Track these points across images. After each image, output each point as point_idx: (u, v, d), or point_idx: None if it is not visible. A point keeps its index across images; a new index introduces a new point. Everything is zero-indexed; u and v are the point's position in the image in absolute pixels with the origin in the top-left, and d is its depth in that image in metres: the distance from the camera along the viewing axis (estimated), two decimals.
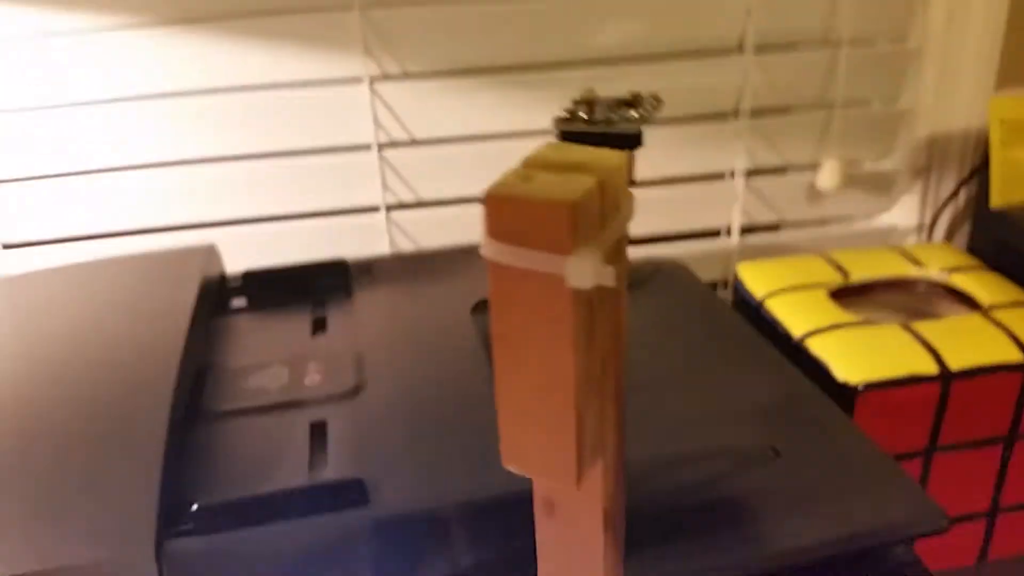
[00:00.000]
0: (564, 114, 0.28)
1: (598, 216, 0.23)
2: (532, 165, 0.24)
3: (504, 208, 0.23)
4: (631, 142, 0.26)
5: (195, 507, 0.44)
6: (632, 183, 0.27)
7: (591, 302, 0.24)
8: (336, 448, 0.50)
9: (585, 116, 0.27)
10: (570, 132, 0.27)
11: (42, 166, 0.78)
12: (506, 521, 0.42)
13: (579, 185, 0.22)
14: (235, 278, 0.71)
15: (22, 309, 0.63)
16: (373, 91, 0.79)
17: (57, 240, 0.82)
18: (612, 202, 0.24)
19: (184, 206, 0.81)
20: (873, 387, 0.61)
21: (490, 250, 0.23)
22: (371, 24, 0.77)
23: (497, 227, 0.23)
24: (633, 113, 0.28)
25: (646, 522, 0.43)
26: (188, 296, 0.62)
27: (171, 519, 0.44)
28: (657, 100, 0.29)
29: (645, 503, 0.44)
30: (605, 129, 0.27)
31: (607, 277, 0.22)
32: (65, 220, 0.80)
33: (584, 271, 0.22)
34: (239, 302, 0.70)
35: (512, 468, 0.27)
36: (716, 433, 0.50)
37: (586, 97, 0.28)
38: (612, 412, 0.27)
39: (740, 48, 0.85)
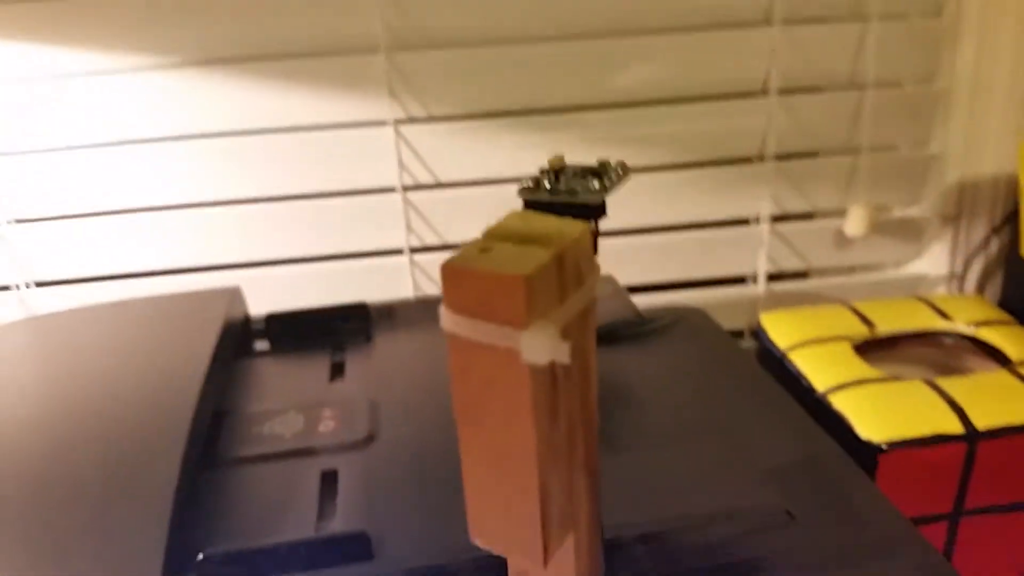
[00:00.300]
0: (528, 182, 0.28)
1: (556, 289, 0.23)
2: (493, 236, 0.24)
3: (461, 280, 0.23)
4: (593, 212, 0.26)
5: (201, 556, 0.44)
6: (596, 251, 0.26)
7: (553, 374, 0.24)
8: (345, 499, 0.50)
9: (548, 185, 0.27)
10: (533, 201, 0.27)
11: (70, 206, 0.80)
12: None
13: (535, 258, 0.22)
14: (258, 320, 0.71)
15: (43, 350, 0.64)
16: (398, 133, 0.80)
17: (85, 279, 0.83)
18: (573, 274, 0.24)
19: (210, 247, 0.82)
20: (897, 446, 0.59)
21: (448, 322, 0.23)
22: (396, 67, 0.78)
23: (454, 299, 0.23)
24: (596, 183, 0.28)
25: None
26: (209, 339, 0.62)
27: (177, 567, 0.43)
28: (624, 169, 0.29)
29: (650, 567, 0.43)
30: (568, 199, 0.27)
31: (562, 353, 0.22)
32: (94, 259, 0.81)
33: (539, 346, 0.22)
34: (262, 344, 0.70)
35: (479, 544, 0.27)
36: (729, 493, 0.49)
37: (553, 165, 0.28)
38: (584, 485, 0.27)
39: (764, 90, 0.84)
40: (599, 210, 0.27)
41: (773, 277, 0.92)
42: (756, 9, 0.82)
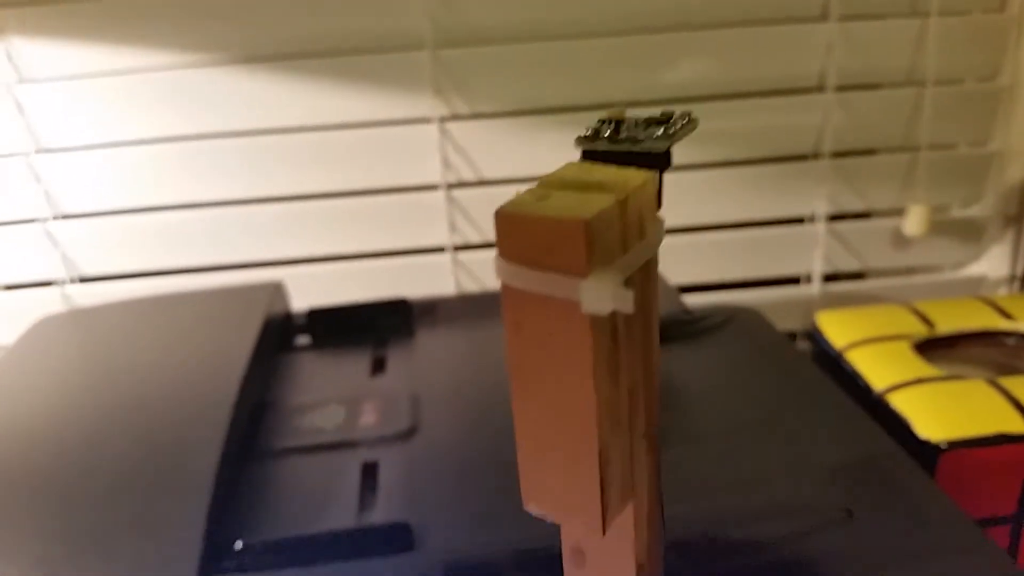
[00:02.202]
0: (587, 132, 0.26)
1: (618, 238, 0.21)
2: (550, 185, 0.23)
3: (516, 227, 0.21)
4: (658, 161, 0.25)
5: (239, 545, 0.43)
6: (660, 206, 0.25)
7: (614, 329, 0.22)
8: (386, 491, 0.49)
9: (609, 134, 0.26)
10: (592, 151, 0.25)
11: (115, 203, 0.80)
12: (552, 573, 0.40)
13: (596, 203, 0.21)
14: (301, 315, 0.71)
15: (88, 342, 0.64)
16: (442, 131, 0.79)
17: (130, 275, 0.83)
18: (636, 224, 0.22)
19: (255, 244, 0.82)
20: (957, 445, 0.57)
21: (503, 272, 0.22)
22: (441, 64, 0.77)
23: (510, 248, 0.21)
24: (661, 131, 0.26)
25: None
26: (250, 333, 0.62)
27: (215, 557, 0.43)
28: (690, 119, 0.27)
29: (708, 562, 0.42)
30: (630, 148, 0.25)
31: (625, 302, 0.20)
32: (139, 256, 0.82)
33: (600, 295, 0.20)
34: (303, 339, 0.69)
35: (532, 510, 0.25)
36: (786, 491, 0.47)
37: (613, 115, 0.26)
38: (644, 452, 0.25)
39: (821, 87, 0.82)
40: (664, 159, 0.25)
41: (829, 278, 0.90)
42: (812, 5, 0.80)
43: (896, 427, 0.60)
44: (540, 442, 0.23)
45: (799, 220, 0.88)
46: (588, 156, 0.26)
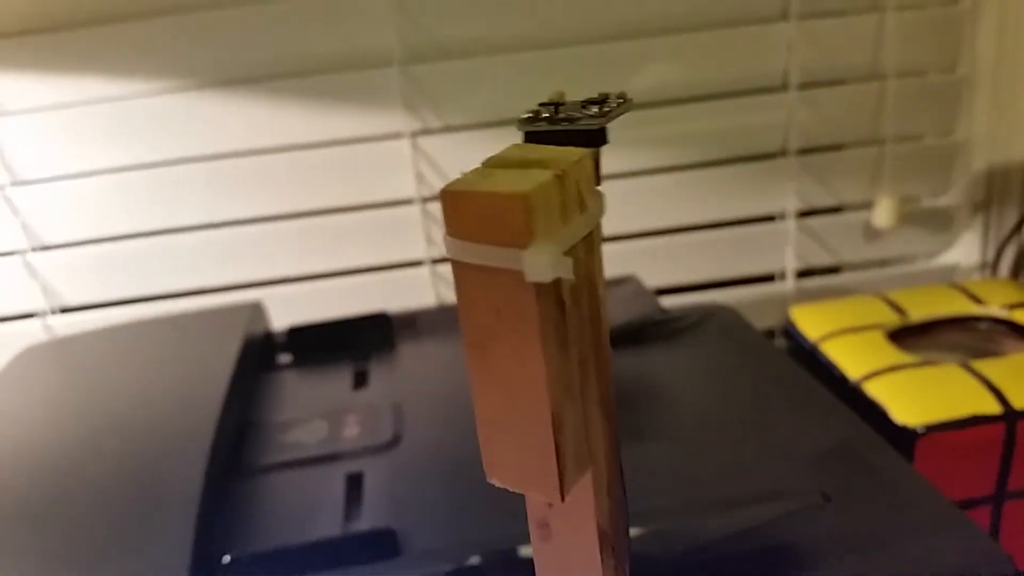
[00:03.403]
0: (527, 115, 0.27)
1: (559, 211, 0.23)
2: (493, 164, 0.24)
3: (461, 204, 0.22)
4: (594, 138, 0.26)
5: (227, 559, 0.44)
6: (599, 182, 0.26)
7: (560, 299, 0.23)
8: (371, 500, 0.49)
9: (548, 116, 0.27)
10: (534, 132, 0.27)
11: (93, 232, 0.80)
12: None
13: (535, 178, 0.22)
14: (281, 334, 0.71)
15: (71, 369, 0.64)
16: (414, 145, 0.80)
17: (110, 304, 0.83)
18: (575, 198, 0.24)
19: (233, 266, 0.82)
20: (934, 429, 0.58)
21: (451, 249, 0.23)
22: (410, 79, 0.78)
23: (456, 224, 0.23)
24: (597, 109, 0.27)
25: (694, 570, 0.41)
26: (230, 353, 0.62)
27: (204, 571, 0.43)
28: (624, 98, 0.28)
29: (689, 549, 0.42)
30: (567, 127, 0.26)
31: (565, 269, 0.22)
32: (119, 284, 0.82)
33: (542, 263, 0.21)
34: (285, 358, 0.70)
35: (495, 481, 0.26)
36: (766, 479, 0.48)
37: (552, 98, 0.28)
38: (599, 420, 0.26)
39: (784, 85, 0.83)
40: (600, 136, 0.26)
41: (803, 274, 0.91)
42: (772, 5, 0.81)
43: (873, 414, 0.61)
44: (497, 414, 0.25)
45: (770, 218, 0.89)
46: (530, 137, 0.27)
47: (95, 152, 0.78)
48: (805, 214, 0.88)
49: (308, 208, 0.81)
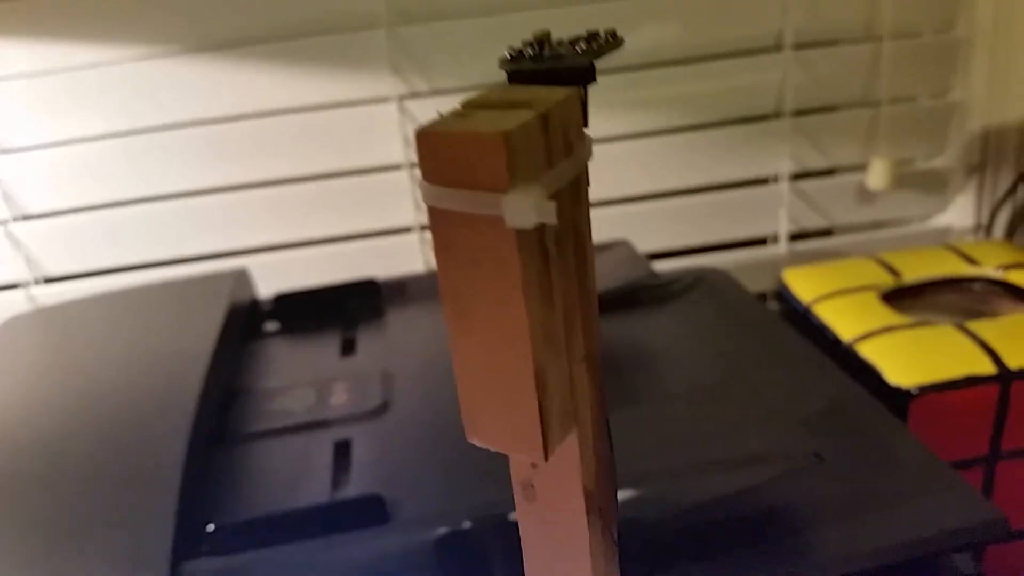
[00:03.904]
0: (510, 53, 0.26)
1: (542, 153, 0.21)
2: (472, 105, 0.23)
3: (437, 146, 0.21)
4: (582, 76, 0.24)
5: (212, 527, 0.43)
6: (586, 123, 0.25)
7: (543, 248, 0.22)
8: (359, 467, 0.49)
9: (532, 54, 0.26)
10: (517, 72, 0.25)
11: (76, 201, 0.79)
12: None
13: (517, 118, 0.21)
14: (268, 302, 0.70)
15: (52, 338, 0.64)
16: (402, 109, 0.79)
17: (95, 273, 0.82)
18: (560, 140, 0.22)
19: (218, 234, 0.81)
20: (928, 390, 0.57)
21: (427, 194, 0.22)
22: (397, 42, 0.77)
23: (432, 168, 0.21)
24: (584, 46, 0.26)
25: (686, 533, 0.41)
26: (214, 320, 0.61)
27: (189, 541, 0.43)
28: (614, 36, 0.27)
29: (683, 513, 0.42)
30: (553, 65, 0.25)
31: (548, 214, 0.20)
32: (103, 253, 0.81)
33: (523, 208, 0.20)
34: (272, 325, 0.69)
35: (476, 442, 0.25)
36: (758, 441, 0.48)
37: (537, 36, 0.26)
38: (584, 377, 0.25)
39: (778, 46, 0.82)
40: (587, 74, 0.25)
41: (796, 236, 0.90)
42: None
43: (866, 375, 0.60)
44: (478, 371, 0.23)
45: (763, 181, 0.88)
46: (514, 78, 0.25)
47: (77, 120, 0.77)
48: (798, 176, 0.87)
49: (294, 174, 0.80)
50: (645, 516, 0.41)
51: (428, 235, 0.83)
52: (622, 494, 0.40)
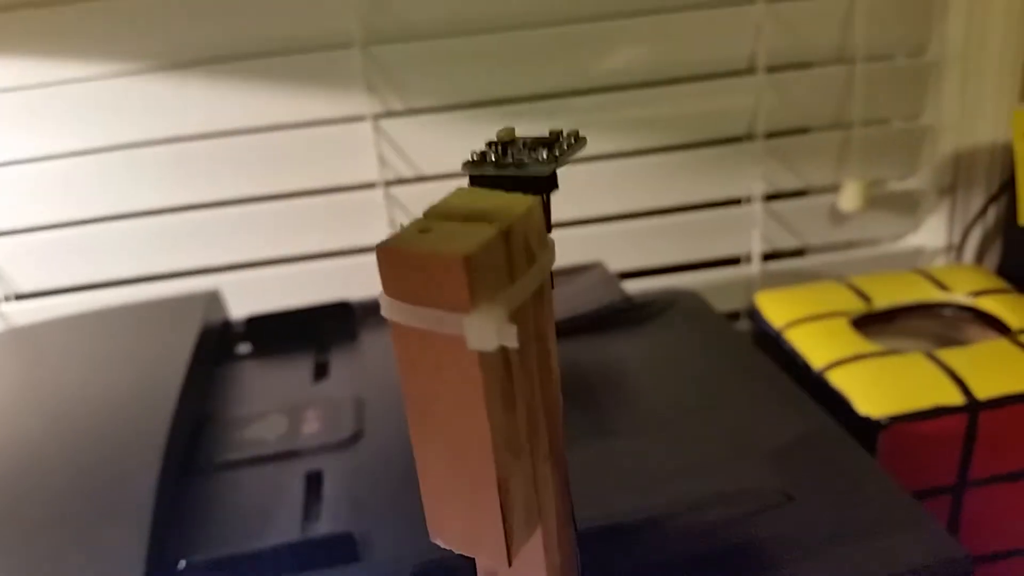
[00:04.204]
0: (473, 156, 0.26)
1: (505, 268, 0.21)
2: (434, 215, 0.23)
3: (398, 263, 0.21)
4: (543, 185, 0.24)
5: (182, 565, 0.43)
6: (550, 229, 0.25)
7: (506, 359, 0.22)
8: (331, 500, 0.48)
9: (495, 159, 0.25)
10: (479, 176, 0.25)
11: (47, 217, 0.78)
12: None
13: (478, 236, 0.20)
14: (240, 323, 0.70)
15: (20, 362, 0.63)
16: (376, 128, 0.78)
17: (66, 290, 0.81)
18: (523, 252, 0.22)
19: (190, 251, 0.81)
20: (897, 420, 0.58)
21: (388, 309, 0.21)
22: (372, 60, 0.76)
23: (393, 284, 0.21)
24: (545, 154, 0.25)
25: (649, 572, 0.41)
26: (186, 345, 0.61)
27: None
28: (577, 138, 0.27)
29: (646, 554, 0.42)
30: (515, 172, 0.24)
31: (510, 337, 0.20)
32: (75, 270, 0.80)
33: (485, 331, 0.20)
34: (244, 348, 0.69)
35: (440, 544, 0.25)
36: (727, 476, 0.48)
37: (501, 137, 0.26)
38: (550, 475, 0.25)
39: (751, 69, 0.82)
40: (549, 182, 0.25)
41: (768, 257, 0.91)
42: None
43: (836, 404, 0.61)
44: (440, 476, 0.23)
45: (736, 202, 0.88)
46: (475, 181, 0.25)
47: (49, 136, 0.76)
48: (771, 197, 0.88)
49: (267, 192, 0.80)
50: (611, 555, 0.41)
51: None
52: (589, 530, 0.40)
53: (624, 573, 0.41)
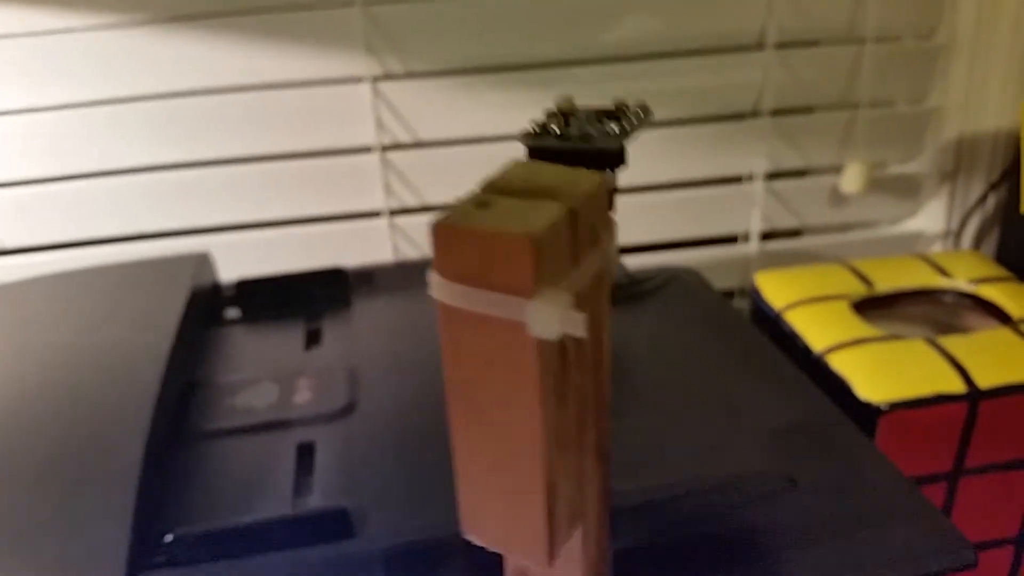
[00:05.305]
0: (534, 127, 0.24)
1: (569, 251, 0.19)
2: (492, 189, 0.21)
3: (455, 241, 0.19)
4: (611, 160, 0.22)
5: (169, 538, 0.41)
6: (613, 208, 0.23)
7: (563, 350, 0.20)
8: (323, 473, 0.47)
9: (558, 130, 0.23)
10: (540, 148, 0.23)
11: (35, 172, 0.76)
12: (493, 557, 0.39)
13: (544, 214, 0.19)
14: (229, 287, 0.68)
15: (5, 322, 0.61)
16: (375, 91, 0.76)
17: (53, 246, 0.79)
18: (587, 233, 0.20)
19: (180, 211, 0.79)
20: (897, 407, 0.57)
21: (439, 290, 0.19)
22: (373, 21, 0.74)
23: (448, 264, 0.19)
24: (614, 127, 0.23)
25: (651, 560, 0.40)
26: (175, 308, 0.59)
27: (145, 550, 0.41)
28: (645, 111, 0.25)
29: (650, 539, 0.41)
30: (580, 145, 0.22)
31: (576, 326, 0.18)
32: (62, 226, 0.78)
33: (549, 318, 0.18)
34: (233, 312, 0.67)
35: (473, 540, 0.23)
36: (726, 459, 0.47)
37: (562, 107, 0.24)
38: (595, 472, 0.24)
39: (760, 45, 0.81)
40: (618, 158, 0.23)
41: (767, 235, 0.90)
42: None
43: (836, 388, 0.60)
44: (481, 471, 0.22)
45: (737, 179, 0.87)
46: (535, 153, 0.23)
47: (35, 89, 0.73)
48: (773, 176, 0.87)
49: (260, 152, 0.78)
50: (615, 541, 0.40)
51: (397, 221, 0.81)
52: None
53: (624, 557, 0.40)
